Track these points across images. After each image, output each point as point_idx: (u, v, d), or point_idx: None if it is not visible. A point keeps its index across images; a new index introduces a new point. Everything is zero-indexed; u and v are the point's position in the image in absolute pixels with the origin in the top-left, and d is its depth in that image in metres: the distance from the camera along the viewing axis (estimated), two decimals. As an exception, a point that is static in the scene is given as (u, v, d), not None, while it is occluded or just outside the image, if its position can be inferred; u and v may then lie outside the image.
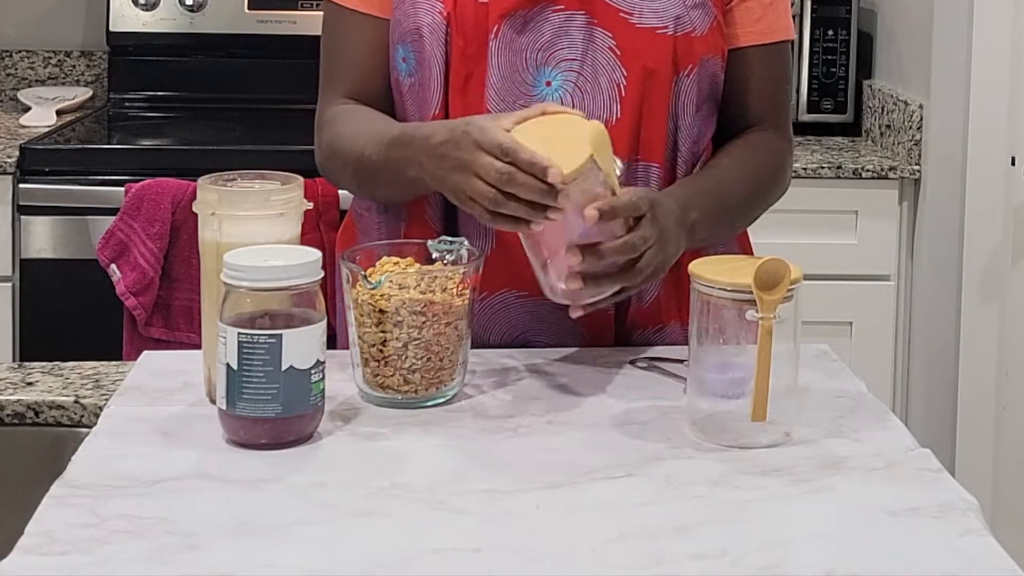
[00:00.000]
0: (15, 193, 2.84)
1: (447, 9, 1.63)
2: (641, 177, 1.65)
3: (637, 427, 1.42)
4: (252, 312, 1.34)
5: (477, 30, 1.63)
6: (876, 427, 1.45)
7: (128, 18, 3.36)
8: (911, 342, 3.01)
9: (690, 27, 1.64)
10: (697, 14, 1.65)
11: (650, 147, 1.65)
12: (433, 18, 1.64)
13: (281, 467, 1.32)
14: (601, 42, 1.63)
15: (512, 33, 1.63)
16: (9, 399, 1.54)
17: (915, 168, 2.96)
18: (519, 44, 1.63)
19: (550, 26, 1.63)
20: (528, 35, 1.63)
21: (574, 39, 1.63)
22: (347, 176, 1.69)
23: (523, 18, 1.63)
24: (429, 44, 1.63)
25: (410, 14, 1.65)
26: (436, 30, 1.63)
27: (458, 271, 1.47)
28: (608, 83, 1.63)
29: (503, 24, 1.62)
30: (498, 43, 1.62)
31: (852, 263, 2.98)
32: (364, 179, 1.66)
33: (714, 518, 1.24)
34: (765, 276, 1.35)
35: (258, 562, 1.15)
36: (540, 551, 1.18)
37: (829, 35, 3.22)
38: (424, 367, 1.46)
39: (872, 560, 1.17)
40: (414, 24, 1.64)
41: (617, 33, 1.63)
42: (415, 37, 1.65)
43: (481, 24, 1.63)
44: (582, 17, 1.63)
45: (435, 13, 1.64)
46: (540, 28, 1.63)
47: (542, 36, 1.63)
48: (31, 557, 1.15)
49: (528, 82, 1.63)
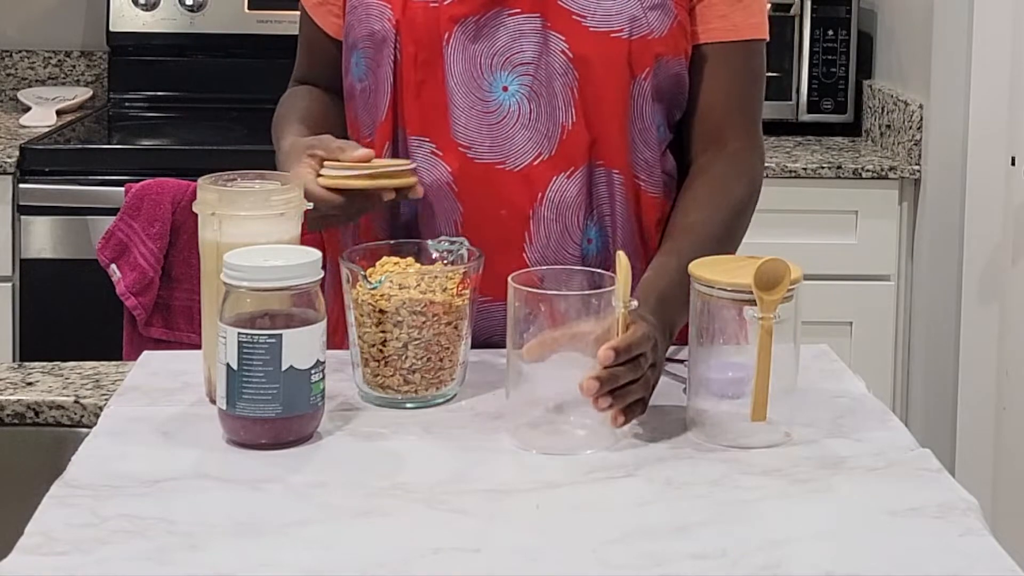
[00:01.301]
0: (15, 193, 2.85)
1: (396, 16, 1.63)
2: (603, 183, 1.64)
3: (637, 427, 1.42)
4: (252, 312, 1.34)
5: (429, 36, 1.62)
6: (876, 427, 1.45)
7: (128, 18, 3.36)
8: (911, 342, 3.01)
9: (647, 29, 1.62)
10: (655, 15, 1.63)
11: (608, 151, 1.63)
12: (383, 24, 1.64)
13: (281, 467, 1.32)
14: (555, 46, 1.62)
15: (465, 39, 1.62)
16: (9, 399, 1.54)
17: (915, 168, 2.96)
18: (473, 50, 1.62)
19: (505, 30, 1.62)
20: (483, 40, 1.62)
21: (529, 43, 1.62)
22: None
23: (475, 24, 1.62)
24: (378, 51, 1.64)
25: (362, 20, 1.66)
26: (386, 36, 1.63)
27: (458, 271, 1.47)
28: (562, 87, 1.62)
29: (455, 29, 1.62)
30: (451, 48, 1.62)
31: (852, 263, 2.98)
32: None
33: (714, 518, 1.24)
34: (765, 276, 1.35)
35: (258, 562, 1.15)
36: (540, 551, 1.18)
37: (829, 35, 3.22)
38: (424, 367, 1.46)
39: (872, 560, 1.17)
40: (366, 30, 1.65)
41: (570, 36, 1.62)
42: (366, 43, 1.65)
43: (433, 30, 1.62)
44: (537, 20, 1.62)
45: (384, 20, 1.64)
46: (495, 33, 1.62)
47: (497, 41, 1.62)
48: (31, 557, 1.15)
49: (484, 87, 1.62)
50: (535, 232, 1.63)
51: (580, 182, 1.62)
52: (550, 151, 1.62)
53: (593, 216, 1.65)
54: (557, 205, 1.63)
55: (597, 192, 1.64)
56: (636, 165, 1.65)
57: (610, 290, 1.37)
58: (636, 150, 1.65)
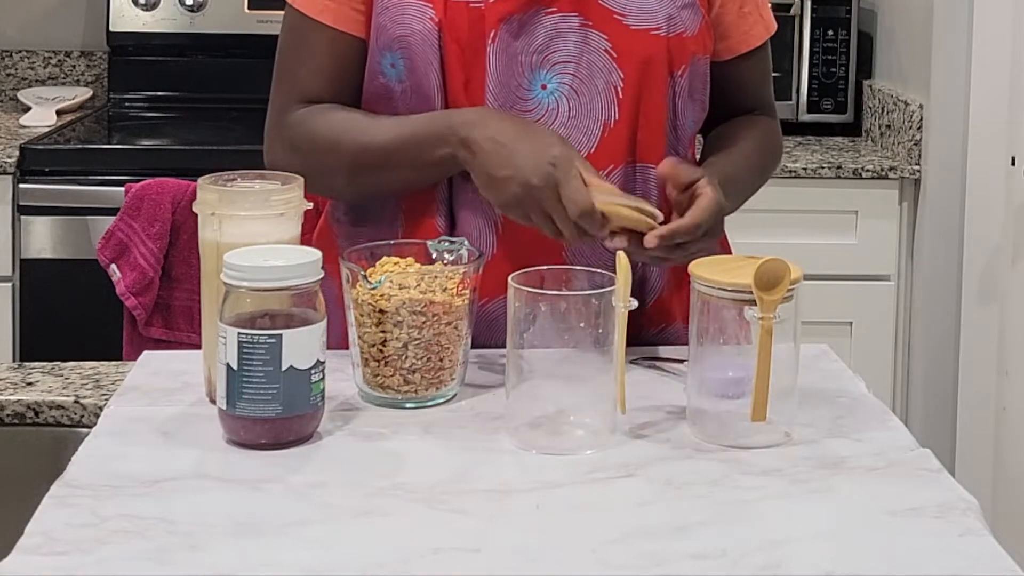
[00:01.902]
0: (15, 193, 2.85)
1: (438, 15, 1.62)
2: (639, 180, 1.65)
3: (637, 427, 1.42)
4: (252, 312, 1.34)
5: (472, 35, 1.61)
6: (876, 427, 1.45)
7: (128, 18, 3.36)
8: (911, 342, 3.01)
9: (682, 27, 1.65)
10: (687, 14, 1.66)
11: (648, 149, 1.65)
12: (424, 24, 1.62)
13: (281, 467, 1.32)
14: (596, 44, 1.63)
15: (508, 37, 1.62)
16: (9, 399, 1.54)
17: (915, 168, 2.96)
18: (514, 48, 1.62)
19: (544, 29, 1.63)
20: (523, 39, 1.62)
21: (568, 41, 1.63)
22: (337, 174, 1.64)
23: (518, 22, 1.62)
24: (421, 50, 1.62)
25: (397, 20, 1.63)
26: (428, 36, 1.61)
27: (458, 271, 1.47)
28: (604, 85, 1.63)
29: (500, 28, 1.62)
30: (495, 47, 1.62)
31: (852, 263, 2.98)
32: (367, 169, 1.63)
33: (714, 518, 1.24)
34: (765, 276, 1.35)
35: (258, 562, 1.15)
36: (540, 551, 1.18)
37: (829, 35, 3.22)
38: (424, 367, 1.46)
39: (872, 560, 1.17)
40: (403, 31, 1.62)
41: (612, 35, 1.63)
42: (403, 44, 1.62)
43: (477, 28, 1.62)
44: (576, 19, 1.63)
45: (425, 19, 1.62)
46: (534, 31, 1.63)
47: (536, 39, 1.62)
48: (31, 557, 1.15)
49: (524, 86, 1.62)
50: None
51: (618, 180, 1.62)
52: (589, 148, 1.62)
53: None
54: None
55: (634, 189, 1.64)
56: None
57: (610, 290, 1.37)
58: (671, 147, 1.67)
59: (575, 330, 1.37)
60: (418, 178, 1.63)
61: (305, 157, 1.65)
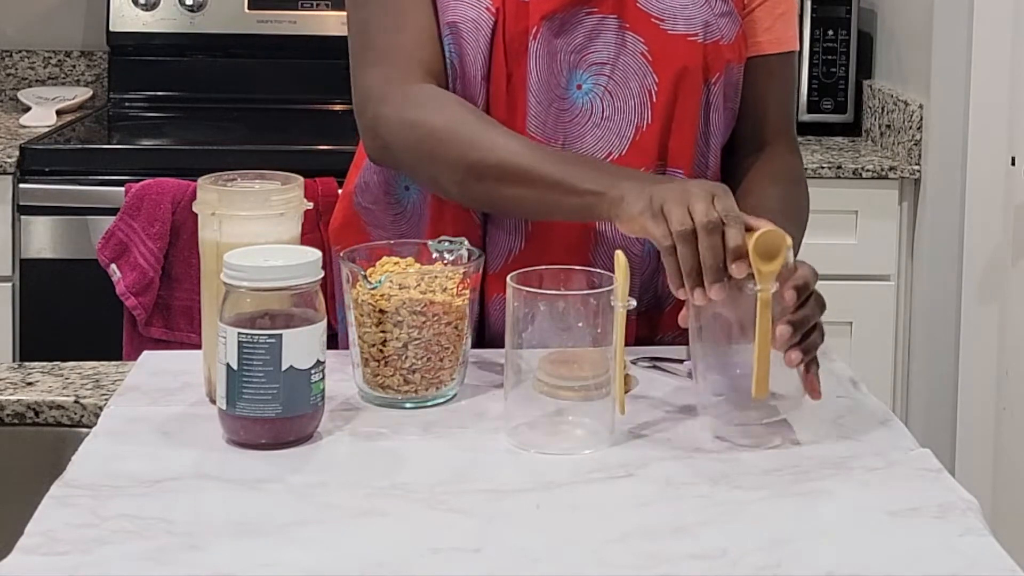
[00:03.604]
0: (15, 193, 2.85)
1: (495, 4, 1.61)
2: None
3: (637, 427, 1.42)
4: (252, 312, 1.34)
5: (518, 29, 1.62)
6: (876, 427, 1.45)
7: (128, 18, 3.36)
8: (911, 342, 3.01)
9: (718, 35, 1.65)
10: (725, 22, 1.66)
11: (679, 154, 1.65)
12: (479, 12, 1.61)
13: (281, 467, 1.32)
14: (632, 47, 1.63)
15: (550, 35, 1.62)
16: (9, 399, 1.54)
17: (915, 168, 2.96)
18: (555, 46, 1.62)
19: (583, 29, 1.63)
20: (563, 37, 1.62)
21: (606, 43, 1.63)
22: (457, 168, 1.56)
23: (560, 20, 1.62)
24: (473, 39, 1.61)
25: (451, 5, 1.62)
26: (482, 25, 1.61)
27: (458, 271, 1.47)
28: (639, 88, 1.63)
29: (542, 25, 1.62)
30: (537, 44, 1.62)
31: (852, 263, 2.98)
32: (501, 182, 1.54)
33: (714, 518, 1.24)
34: (763, 247, 1.35)
35: (258, 562, 1.15)
36: (540, 551, 1.18)
37: (829, 35, 3.22)
38: (424, 367, 1.46)
39: (872, 560, 1.17)
40: (456, 16, 1.62)
41: (649, 39, 1.63)
42: (454, 30, 1.62)
43: (522, 23, 1.62)
44: (614, 21, 1.63)
45: (482, 8, 1.62)
46: (574, 30, 1.63)
47: (576, 39, 1.63)
48: (31, 557, 1.15)
49: (562, 84, 1.63)
50: (602, 233, 1.63)
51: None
52: (621, 151, 1.62)
53: None
54: None
55: None
56: (697, 168, 1.67)
57: (609, 290, 1.37)
58: (700, 153, 1.67)
59: (574, 330, 1.37)
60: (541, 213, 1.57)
61: (438, 143, 1.56)
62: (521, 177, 1.53)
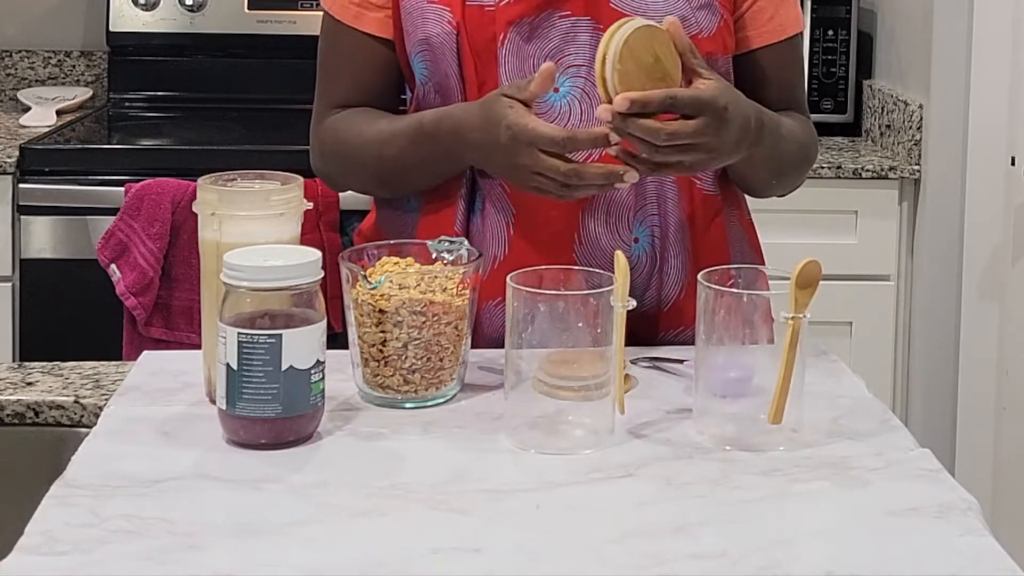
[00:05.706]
0: (15, 193, 2.85)
1: (456, 18, 1.63)
2: (653, 183, 1.65)
3: (637, 427, 1.42)
4: (252, 312, 1.34)
5: (485, 38, 1.63)
6: (876, 427, 1.45)
7: (128, 18, 3.36)
8: (911, 342, 3.01)
9: (696, 28, 1.65)
10: (704, 15, 1.65)
11: None
12: (442, 27, 1.64)
13: (281, 467, 1.32)
14: None
15: (519, 40, 1.63)
16: (9, 399, 1.54)
17: (915, 168, 2.96)
18: (527, 51, 1.63)
19: (557, 32, 1.63)
20: (535, 42, 1.63)
21: (581, 45, 1.63)
22: (366, 177, 1.72)
23: (529, 25, 1.63)
24: (440, 53, 1.64)
25: (418, 25, 1.65)
26: (446, 39, 1.63)
27: (458, 271, 1.47)
28: None
29: (510, 31, 1.62)
30: (506, 50, 1.63)
31: (852, 263, 2.98)
32: (391, 177, 1.69)
33: (714, 518, 1.24)
34: (804, 277, 1.35)
35: (258, 562, 1.15)
36: (540, 551, 1.18)
37: (829, 35, 3.22)
38: (424, 367, 1.46)
39: (872, 560, 1.17)
40: (423, 34, 1.65)
41: None
42: (424, 47, 1.65)
43: (488, 31, 1.63)
44: (588, 22, 1.63)
45: (443, 23, 1.64)
46: (547, 35, 1.63)
47: (550, 43, 1.63)
48: (31, 557, 1.15)
49: None
50: (585, 232, 1.64)
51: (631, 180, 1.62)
52: (600, 151, 1.62)
53: (641, 216, 1.65)
54: (607, 206, 1.64)
55: (646, 192, 1.65)
56: None
57: (609, 290, 1.37)
58: None
59: (573, 330, 1.37)
60: (443, 178, 1.67)
61: (338, 162, 1.73)
62: (398, 166, 1.66)
